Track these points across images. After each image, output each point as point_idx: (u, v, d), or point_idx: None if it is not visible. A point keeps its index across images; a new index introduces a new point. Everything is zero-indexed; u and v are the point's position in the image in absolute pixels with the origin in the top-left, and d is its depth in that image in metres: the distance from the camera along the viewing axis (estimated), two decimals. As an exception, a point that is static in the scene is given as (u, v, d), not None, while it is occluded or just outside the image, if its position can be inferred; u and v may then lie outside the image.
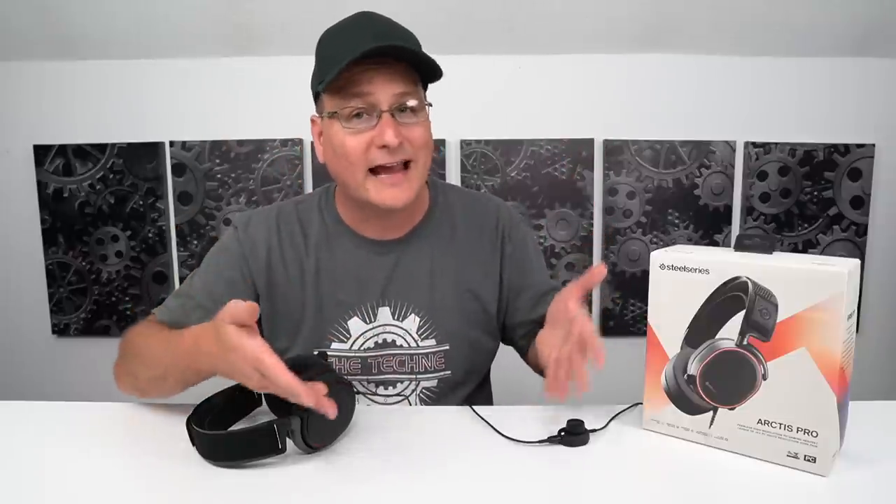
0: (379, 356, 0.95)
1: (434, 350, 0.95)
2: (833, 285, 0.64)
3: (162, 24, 1.91)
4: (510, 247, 1.00)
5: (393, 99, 0.82)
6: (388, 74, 0.82)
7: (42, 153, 2.03)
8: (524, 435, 0.76)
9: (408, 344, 0.95)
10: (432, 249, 0.96)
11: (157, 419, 0.83)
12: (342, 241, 0.95)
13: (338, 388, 0.74)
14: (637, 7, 1.87)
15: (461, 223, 0.99)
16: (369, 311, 0.94)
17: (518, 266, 1.01)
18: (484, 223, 1.00)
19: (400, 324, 0.94)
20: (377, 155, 0.83)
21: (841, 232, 2.04)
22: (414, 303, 0.94)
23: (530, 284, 1.01)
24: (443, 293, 0.96)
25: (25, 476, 0.68)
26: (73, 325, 2.11)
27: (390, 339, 0.94)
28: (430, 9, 1.81)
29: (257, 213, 0.98)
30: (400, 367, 0.95)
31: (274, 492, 0.65)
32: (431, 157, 0.91)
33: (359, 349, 0.94)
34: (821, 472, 0.67)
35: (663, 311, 0.76)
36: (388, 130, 0.81)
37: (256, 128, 2.02)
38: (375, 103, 0.82)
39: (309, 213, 0.97)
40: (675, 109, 2.02)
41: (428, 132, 0.88)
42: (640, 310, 2.08)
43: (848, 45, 1.95)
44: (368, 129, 0.83)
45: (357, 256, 0.94)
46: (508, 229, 1.00)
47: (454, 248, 0.97)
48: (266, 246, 0.94)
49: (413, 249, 0.96)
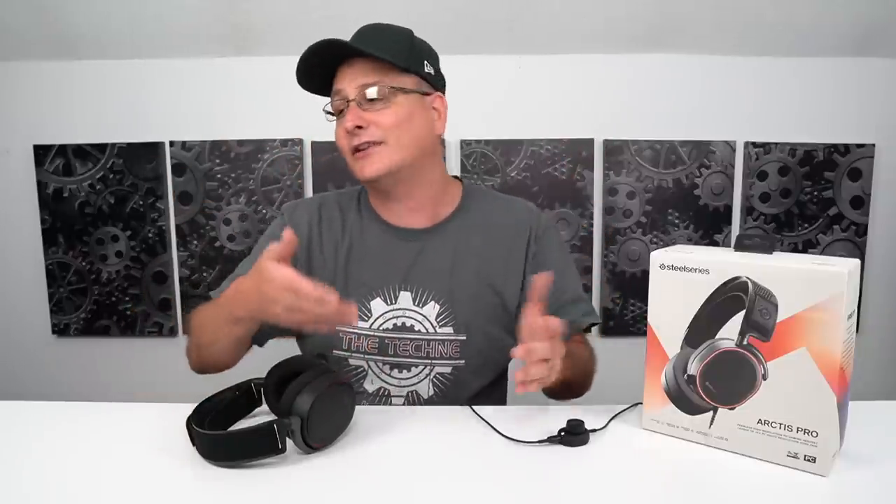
0: (396, 338, 0.99)
1: (451, 338, 0.99)
2: (833, 285, 0.64)
3: (162, 24, 1.91)
4: (535, 247, 1.04)
5: (357, 91, 0.93)
6: (353, 71, 0.93)
7: (42, 153, 2.03)
8: (524, 435, 0.76)
9: (425, 329, 0.99)
10: (456, 242, 1.02)
11: (157, 419, 0.83)
12: (373, 227, 1.03)
13: (338, 388, 0.74)
14: (637, 7, 1.87)
15: (489, 222, 1.05)
16: (391, 294, 0.99)
17: (541, 267, 1.03)
18: (513, 224, 1.05)
19: (420, 310, 0.99)
20: (347, 141, 0.95)
21: (841, 232, 2.04)
22: (434, 290, 0.99)
23: (554, 289, 1.01)
24: (463, 284, 1.00)
25: (25, 476, 0.68)
26: (73, 325, 2.11)
27: (409, 323, 0.99)
28: (424, 9, 1.81)
29: (303, 201, 1.10)
30: (416, 351, 0.99)
31: (274, 492, 0.65)
32: (417, 137, 0.96)
33: (378, 329, 0.99)
34: (821, 472, 0.67)
35: (663, 311, 0.76)
36: (347, 117, 0.93)
37: (256, 128, 2.02)
38: (346, 96, 0.94)
39: (349, 202, 1.07)
40: (675, 109, 2.02)
41: (398, 115, 0.94)
42: (640, 310, 2.08)
43: (848, 45, 1.95)
44: (342, 119, 0.95)
45: (384, 241, 1.02)
46: (536, 232, 1.05)
47: (479, 243, 1.02)
48: (308, 229, 1.03)
49: (437, 240, 1.02)
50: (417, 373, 1.00)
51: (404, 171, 0.96)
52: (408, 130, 0.95)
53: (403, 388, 1.00)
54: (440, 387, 1.00)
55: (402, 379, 1.00)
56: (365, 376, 1.00)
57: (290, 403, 0.70)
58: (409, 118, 0.95)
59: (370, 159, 0.94)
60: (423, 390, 1.00)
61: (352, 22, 0.98)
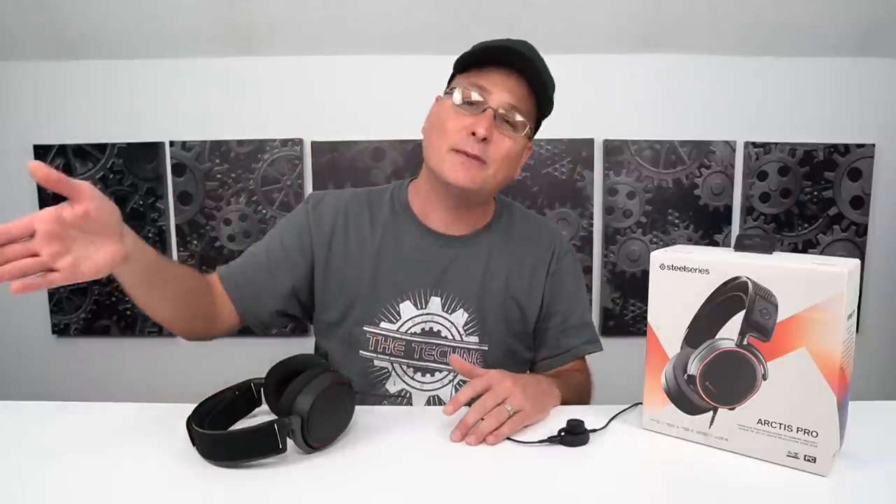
0: (423, 343, 0.99)
1: (475, 347, 1.00)
2: (833, 285, 0.64)
3: (162, 24, 1.91)
4: (555, 267, 1.05)
5: (502, 104, 0.91)
6: (509, 83, 0.91)
7: (42, 153, 2.03)
8: (524, 435, 0.76)
9: (452, 336, 0.99)
10: (490, 253, 1.02)
11: (157, 419, 0.83)
12: (408, 227, 1.01)
13: (338, 387, 0.74)
14: (637, 7, 1.87)
15: (519, 236, 1.05)
16: (421, 298, 0.99)
17: (557, 286, 1.05)
18: (539, 241, 1.06)
19: (448, 316, 0.99)
20: (462, 138, 0.90)
21: (841, 232, 2.04)
22: (464, 298, 1.00)
23: (562, 310, 1.05)
24: (492, 294, 1.01)
25: (25, 476, 0.68)
26: (73, 325, 2.10)
27: (437, 329, 0.99)
28: (424, 9, 1.81)
29: (332, 193, 1.06)
30: (441, 357, 0.99)
31: (274, 492, 0.65)
32: (507, 176, 0.97)
33: (406, 332, 0.99)
34: (821, 472, 0.67)
35: (663, 311, 0.76)
36: (483, 122, 0.89)
37: (256, 128, 2.02)
38: (487, 100, 0.91)
39: (380, 199, 1.04)
40: (675, 109, 2.02)
41: (513, 150, 0.94)
42: (640, 310, 2.08)
43: (848, 45, 1.95)
44: (469, 116, 0.91)
45: (419, 244, 1.00)
46: (559, 253, 1.06)
47: (508, 256, 1.03)
48: (332, 223, 1.01)
49: (472, 248, 1.02)
50: (441, 378, 1.00)
51: (482, 193, 0.97)
52: (506, 166, 0.95)
53: (425, 393, 1.00)
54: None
55: (426, 383, 1.00)
56: (388, 378, 1.00)
57: (290, 403, 0.70)
58: (513, 157, 0.96)
59: (470, 171, 0.91)
60: (445, 396, 1.00)
61: (352, 22, 0.97)
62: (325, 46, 1.93)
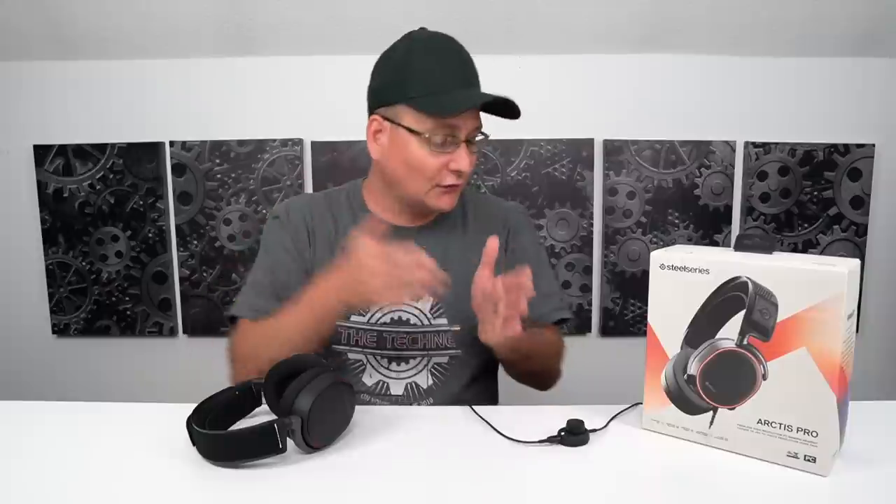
0: (393, 332, 1.02)
1: (445, 329, 1.03)
2: (833, 285, 0.64)
3: (162, 24, 1.91)
4: (513, 244, 1.09)
5: (471, 132, 0.97)
6: (473, 113, 0.97)
7: (42, 153, 2.03)
8: (524, 435, 0.76)
9: (421, 322, 1.03)
10: (447, 238, 1.06)
11: (157, 419, 0.83)
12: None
13: (338, 387, 0.74)
14: (637, 7, 1.87)
15: (474, 218, 1.10)
16: None
17: (516, 262, 1.04)
18: (494, 221, 1.10)
19: (414, 303, 1.03)
20: (448, 176, 0.96)
21: (841, 232, 2.04)
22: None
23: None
24: (454, 277, 1.01)
25: (25, 476, 0.68)
26: (73, 325, 2.10)
27: (405, 317, 1.03)
28: (424, 9, 1.81)
29: (293, 201, 1.11)
30: (413, 343, 1.02)
31: (274, 492, 0.65)
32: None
33: (376, 323, 1.02)
34: (821, 472, 0.67)
35: (663, 311, 0.76)
36: (465, 159, 0.95)
37: (256, 128, 2.02)
38: (457, 134, 0.95)
39: (338, 202, 1.09)
40: (675, 109, 2.02)
41: (475, 157, 1.01)
42: (640, 310, 2.08)
43: (848, 45, 1.95)
44: (446, 154, 0.95)
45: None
46: (514, 229, 1.10)
47: (466, 238, 1.07)
48: (305, 228, 1.06)
49: (430, 236, 1.05)
50: (416, 364, 1.03)
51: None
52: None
53: (402, 381, 1.03)
54: (438, 376, 1.03)
55: (401, 371, 1.03)
56: (364, 370, 1.02)
57: (290, 403, 0.70)
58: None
59: (452, 196, 0.99)
60: (423, 381, 1.03)
61: (351, 22, 0.98)
62: (325, 46, 1.93)
